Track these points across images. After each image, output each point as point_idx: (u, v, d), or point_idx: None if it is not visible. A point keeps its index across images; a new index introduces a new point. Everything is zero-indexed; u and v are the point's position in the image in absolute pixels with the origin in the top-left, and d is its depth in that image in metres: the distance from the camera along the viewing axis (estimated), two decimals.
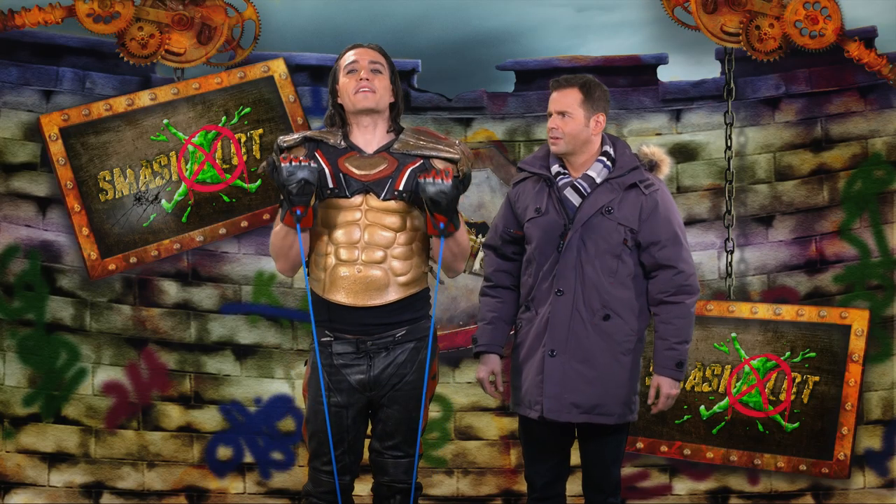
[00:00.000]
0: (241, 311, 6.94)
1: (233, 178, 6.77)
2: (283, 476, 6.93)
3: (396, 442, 4.51)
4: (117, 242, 6.73)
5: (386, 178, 4.48)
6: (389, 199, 4.46)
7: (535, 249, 4.69)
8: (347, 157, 4.51)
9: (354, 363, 4.48)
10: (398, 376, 4.49)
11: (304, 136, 4.56)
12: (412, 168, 4.50)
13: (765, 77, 6.90)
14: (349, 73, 4.52)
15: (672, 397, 4.68)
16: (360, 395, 4.49)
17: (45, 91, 6.84)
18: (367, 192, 4.47)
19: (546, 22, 8.29)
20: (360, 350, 4.47)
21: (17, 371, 6.82)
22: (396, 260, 4.47)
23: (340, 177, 4.48)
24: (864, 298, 6.80)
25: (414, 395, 4.50)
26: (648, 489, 6.93)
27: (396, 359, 4.49)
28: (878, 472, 6.83)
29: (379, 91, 4.51)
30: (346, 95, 4.52)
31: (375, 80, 4.51)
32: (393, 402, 4.50)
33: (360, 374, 4.47)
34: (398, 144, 4.54)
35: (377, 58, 4.55)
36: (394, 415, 4.50)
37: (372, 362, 4.47)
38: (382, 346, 4.48)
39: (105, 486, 6.89)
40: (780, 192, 6.93)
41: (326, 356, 4.50)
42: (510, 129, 6.99)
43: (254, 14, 6.70)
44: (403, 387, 4.49)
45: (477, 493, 6.94)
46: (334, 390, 4.49)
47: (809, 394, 6.61)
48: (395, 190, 4.47)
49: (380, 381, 4.48)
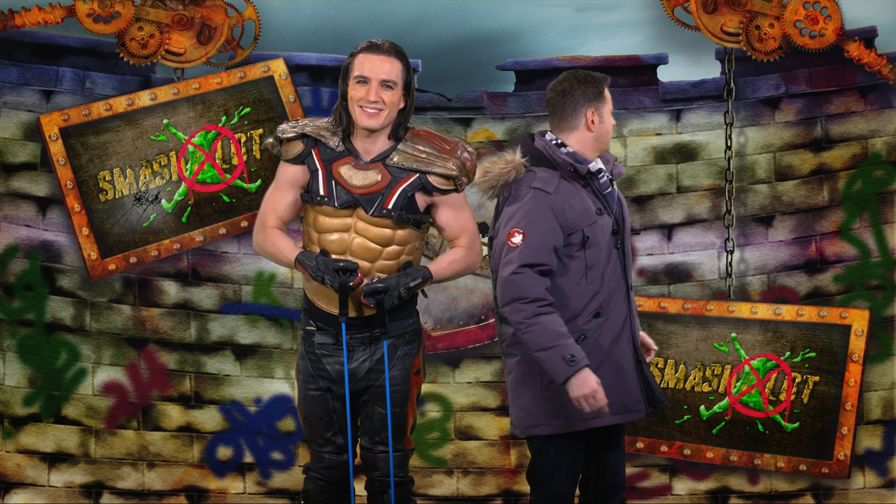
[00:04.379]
0: (241, 311, 6.95)
1: (233, 178, 6.77)
2: (283, 476, 6.93)
3: (384, 438, 4.55)
4: (117, 242, 6.73)
5: (376, 194, 4.43)
6: (377, 217, 4.44)
7: (599, 252, 4.49)
8: (343, 162, 4.45)
9: (334, 353, 4.54)
10: (377, 371, 4.52)
11: (303, 133, 4.48)
12: (403, 187, 4.44)
13: (765, 77, 6.90)
14: (358, 84, 4.42)
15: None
16: (339, 385, 4.55)
17: (45, 91, 6.84)
18: (355, 206, 4.44)
19: (546, 22, 8.30)
20: (338, 342, 4.51)
21: (17, 371, 6.82)
22: (380, 273, 4.46)
23: (332, 185, 4.44)
24: (864, 298, 6.80)
25: (398, 391, 4.54)
26: (648, 489, 6.93)
27: (374, 354, 4.52)
28: (878, 472, 6.83)
29: (387, 108, 4.42)
30: (352, 105, 4.44)
31: (384, 96, 4.40)
32: (377, 399, 4.54)
33: (339, 364, 4.52)
34: (396, 157, 4.45)
35: (391, 74, 4.41)
36: (378, 411, 4.54)
37: (351, 355, 4.52)
38: (361, 340, 4.52)
39: (105, 486, 6.89)
40: (780, 192, 6.93)
41: (309, 344, 4.57)
42: (510, 129, 6.99)
43: (254, 14, 6.70)
44: (384, 383, 4.52)
45: (477, 493, 6.94)
46: (317, 376, 4.57)
47: (809, 394, 6.61)
48: (384, 209, 4.43)
49: (356, 374, 4.52)
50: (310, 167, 4.48)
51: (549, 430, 4.51)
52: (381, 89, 4.39)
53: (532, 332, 4.36)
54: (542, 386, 4.50)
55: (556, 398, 4.47)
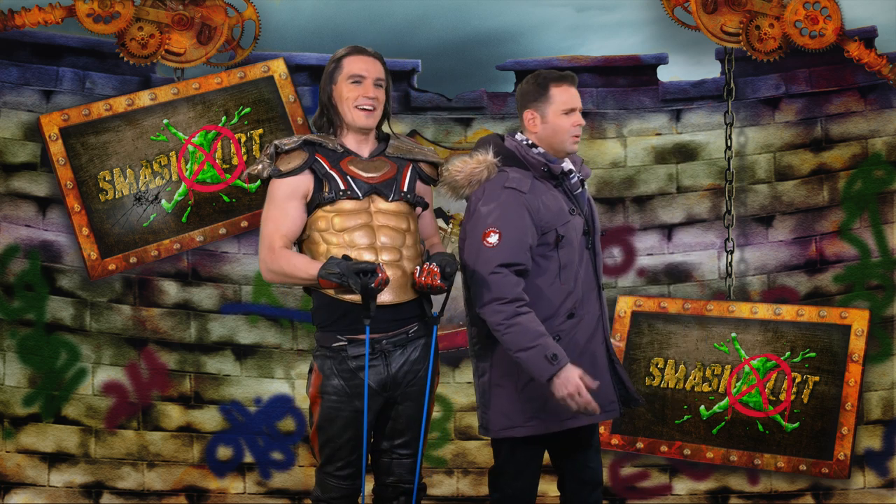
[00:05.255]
0: (241, 311, 6.95)
1: (233, 178, 6.77)
2: (283, 476, 6.93)
3: (406, 440, 4.53)
4: (117, 242, 6.73)
5: (391, 179, 4.55)
6: (397, 200, 4.52)
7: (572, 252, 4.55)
8: (349, 160, 4.54)
9: (371, 364, 4.45)
10: (413, 373, 4.51)
11: (304, 140, 4.55)
12: (409, 172, 4.60)
13: (765, 77, 6.91)
14: (353, 83, 4.52)
15: None
16: (378, 398, 4.48)
17: (45, 91, 6.84)
18: (375, 194, 4.51)
19: (546, 22, 8.31)
20: (374, 350, 4.46)
21: (17, 371, 6.82)
22: (408, 260, 4.50)
23: (348, 179, 4.51)
24: (864, 298, 6.80)
25: (424, 391, 4.53)
26: (648, 489, 6.93)
27: (410, 356, 4.50)
28: (878, 472, 6.83)
29: (379, 107, 4.58)
30: (346, 105, 4.53)
31: (378, 95, 4.56)
32: (406, 399, 4.51)
33: (378, 374, 4.46)
34: (391, 149, 4.62)
35: (382, 73, 4.58)
36: (405, 411, 4.52)
37: (388, 361, 4.48)
38: (397, 343, 4.48)
39: (105, 486, 6.89)
40: (780, 192, 6.93)
41: (340, 361, 4.46)
42: (510, 129, 6.96)
43: (254, 14, 6.70)
44: (417, 382, 4.51)
45: (477, 493, 6.94)
46: (353, 395, 4.45)
47: (809, 394, 6.61)
48: (401, 191, 4.55)
49: (397, 380, 4.49)
50: (318, 171, 4.51)
51: (526, 431, 4.53)
52: (374, 88, 4.54)
53: (511, 333, 4.36)
54: (517, 388, 4.52)
55: (532, 399, 4.49)
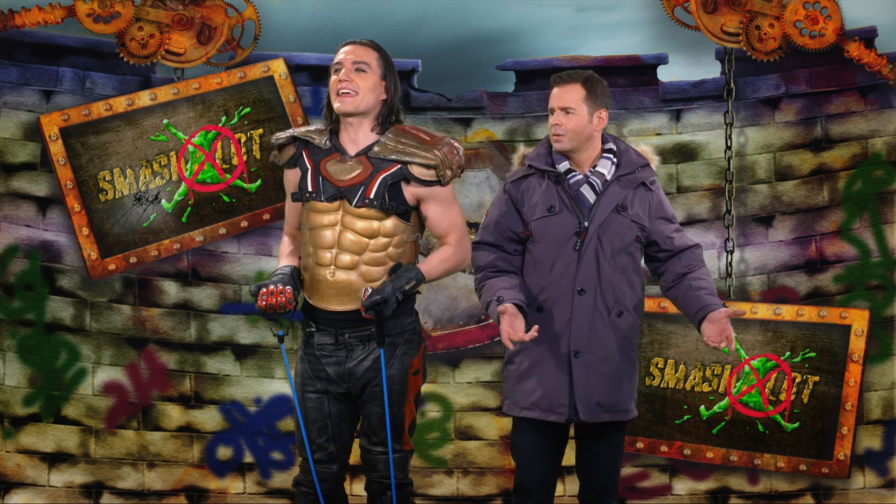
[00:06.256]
0: (241, 311, 6.95)
1: (233, 178, 6.77)
2: (283, 476, 6.93)
3: (382, 438, 4.54)
4: (117, 242, 6.73)
5: (358, 185, 4.48)
6: (361, 207, 4.48)
7: (547, 249, 4.64)
8: (329, 159, 4.53)
9: (333, 354, 4.54)
10: (374, 370, 4.52)
11: (293, 136, 4.59)
12: (384, 176, 4.49)
13: (765, 77, 6.90)
14: (334, 73, 4.53)
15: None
16: (337, 385, 4.56)
17: (45, 91, 6.84)
18: (341, 198, 4.49)
19: (546, 22, 8.31)
20: (338, 341, 4.53)
21: (17, 371, 6.82)
22: (368, 265, 4.49)
23: (319, 180, 4.51)
24: (864, 298, 6.80)
25: (395, 391, 4.53)
26: (648, 489, 6.93)
27: (373, 353, 4.52)
28: (878, 472, 6.83)
29: (361, 92, 4.48)
30: (332, 94, 4.54)
31: (357, 80, 4.48)
32: (374, 399, 4.54)
33: (337, 364, 4.53)
34: (377, 147, 4.51)
35: (363, 56, 4.50)
36: (376, 411, 4.54)
37: (350, 354, 4.53)
38: (359, 338, 4.52)
39: (105, 486, 6.89)
40: (780, 192, 6.93)
41: (309, 346, 4.59)
42: (510, 129, 6.99)
43: (254, 14, 6.70)
44: (381, 383, 4.52)
45: (477, 493, 6.94)
46: (315, 378, 4.57)
47: (809, 394, 6.61)
48: (366, 198, 4.48)
49: (355, 374, 4.52)
50: (301, 168, 4.57)
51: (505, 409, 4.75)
52: (352, 72, 4.48)
53: (481, 293, 4.66)
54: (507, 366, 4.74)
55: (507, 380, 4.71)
